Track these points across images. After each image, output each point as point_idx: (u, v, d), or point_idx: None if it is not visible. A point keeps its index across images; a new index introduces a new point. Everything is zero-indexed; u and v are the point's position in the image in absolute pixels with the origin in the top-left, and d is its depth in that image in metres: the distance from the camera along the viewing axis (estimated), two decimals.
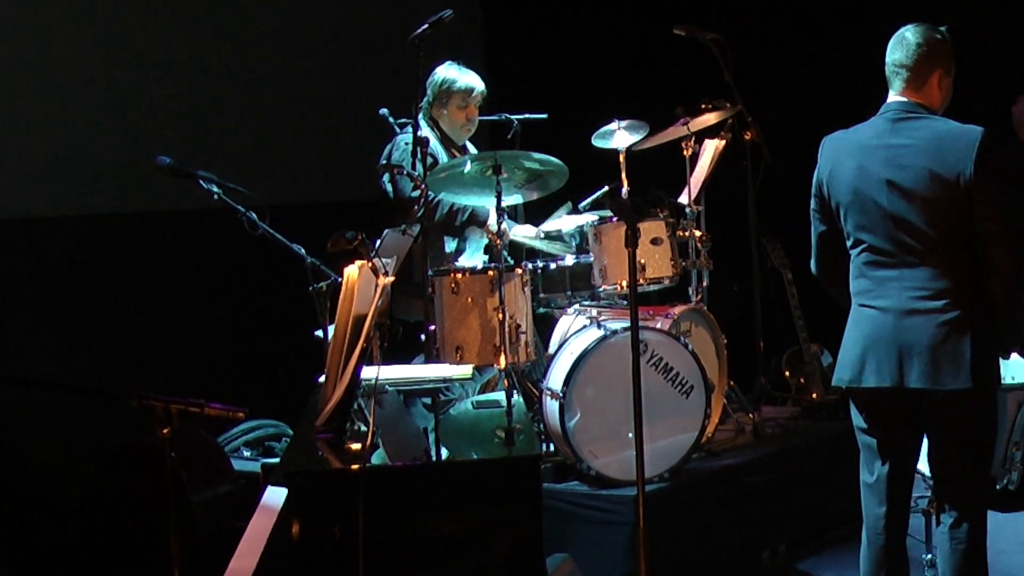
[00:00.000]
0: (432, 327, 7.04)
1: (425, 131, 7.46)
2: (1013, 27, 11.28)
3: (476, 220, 7.64)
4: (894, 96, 5.57)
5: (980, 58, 11.62)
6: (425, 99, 7.70)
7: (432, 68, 7.65)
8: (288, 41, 9.63)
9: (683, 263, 7.86)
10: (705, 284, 8.35)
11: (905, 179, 5.38)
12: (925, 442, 5.72)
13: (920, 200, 5.37)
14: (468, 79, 7.71)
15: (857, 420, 5.71)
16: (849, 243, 5.60)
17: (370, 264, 4.82)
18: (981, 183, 5.30)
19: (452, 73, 7.69)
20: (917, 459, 5.78)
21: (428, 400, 6.87)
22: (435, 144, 7.56)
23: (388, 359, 5.63)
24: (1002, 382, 6.03)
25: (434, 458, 6.59)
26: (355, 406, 4.88)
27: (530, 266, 7.50)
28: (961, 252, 5.41)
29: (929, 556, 6.08)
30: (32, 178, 8.40)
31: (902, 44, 5.54)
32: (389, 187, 7.51)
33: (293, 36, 9.67)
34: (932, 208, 5.36)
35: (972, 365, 5.33)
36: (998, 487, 6.29)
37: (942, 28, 5.58)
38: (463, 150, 7.74)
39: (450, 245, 7.80)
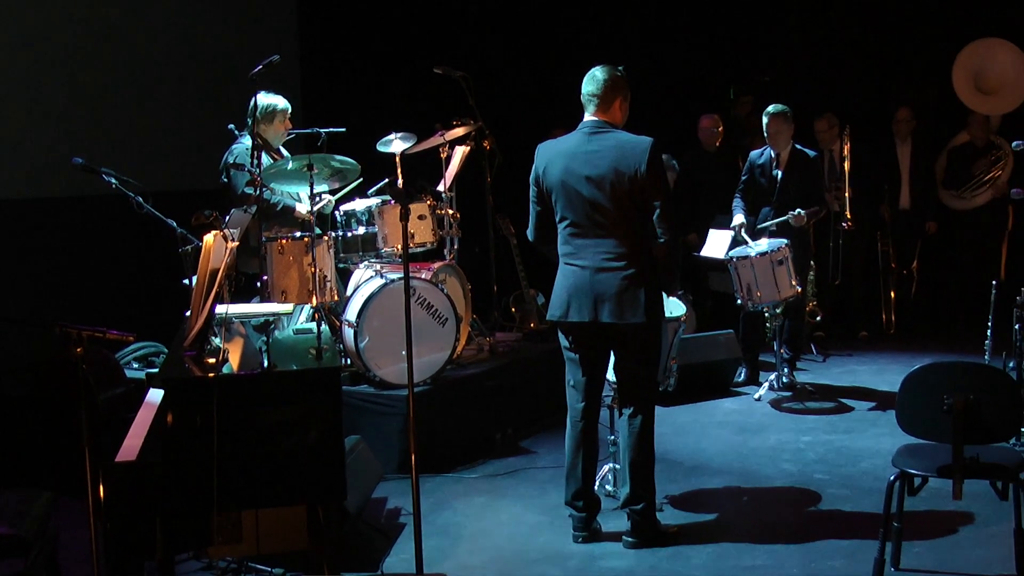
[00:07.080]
0: (265, 277, 6.99)
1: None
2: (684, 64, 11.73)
3: (287, 210, 7.58)
4: (588, 117, 5.66)
5: (679, 87, 12.11)
6: (253, 120, 7.60)
7: (253, 97, 7.51)
8: (166, 72, 9.47)
9: (440, 232, 7.89)
10: (456, 247, 8.39)
11: (598, 175, 5.50)
12: (612, 358, 5.86)
13: (608, 190, 5.48)
14: (284, 102, 7.63)
15: (564, 343, 5.82)
16: (558, 219, 5.68)
17: (221, 233, 4.79)
18: (651, 176, 5.44)
19: (274, 100, 7.56)
20: (606, 370, 5.91)
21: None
22: None
23: (234, 299, 5.64)
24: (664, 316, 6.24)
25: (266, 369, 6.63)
26: (211, 332, 4.89)
27: (333, 234, 7.52)
28: (635, 227, 5.55)
29: (612, 437, 6.23)
30: None
31: (593, 79, 5.63)
32: (230, 180, 7.45)
33: (172, 69, 9.52)
34: (616, 195, 5.48)
35: (645, 306, 5.51)
36: (661, 389, 6.44)
37: (620, 67, 5.69)
38: (279, 153, 7.68)
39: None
